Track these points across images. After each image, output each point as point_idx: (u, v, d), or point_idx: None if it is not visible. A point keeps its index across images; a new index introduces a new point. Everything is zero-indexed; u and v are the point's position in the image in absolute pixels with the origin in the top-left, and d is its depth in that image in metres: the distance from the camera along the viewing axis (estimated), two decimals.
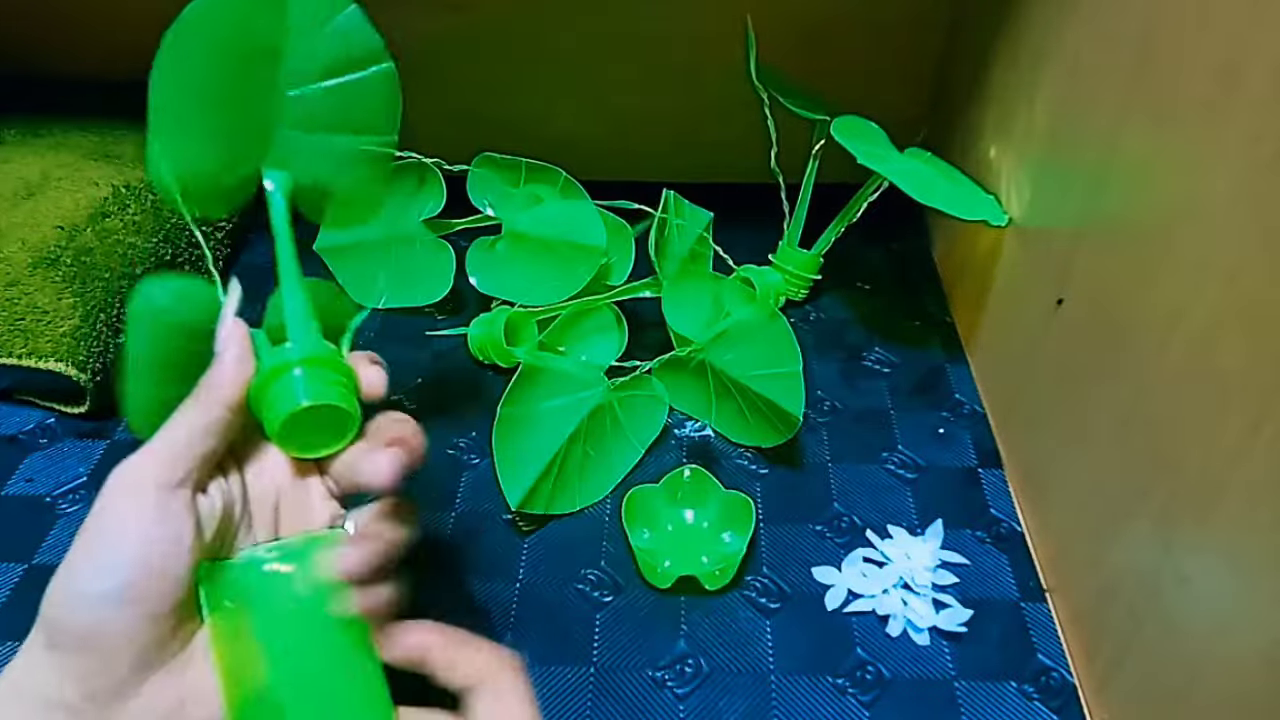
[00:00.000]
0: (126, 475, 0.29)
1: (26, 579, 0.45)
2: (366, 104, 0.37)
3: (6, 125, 0.65)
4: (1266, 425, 0.28)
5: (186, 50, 0.33)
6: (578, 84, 0.70)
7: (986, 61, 0.56)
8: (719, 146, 0.70)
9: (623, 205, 0.55)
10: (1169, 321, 0.34)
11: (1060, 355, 0.44)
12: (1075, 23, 0.44)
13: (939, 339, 0.60)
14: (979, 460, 0.52)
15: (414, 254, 0.60)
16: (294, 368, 0.32)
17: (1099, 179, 0.40)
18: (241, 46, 0.34)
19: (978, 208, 0.52)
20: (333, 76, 0.36)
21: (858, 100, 0.56)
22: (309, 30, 0.35)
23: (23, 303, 0.52)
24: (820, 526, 0.48)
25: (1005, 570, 0.46)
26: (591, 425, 0.49)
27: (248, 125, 0.35)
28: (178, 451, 0.30)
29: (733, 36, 0.58)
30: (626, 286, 0.55)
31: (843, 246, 0.60)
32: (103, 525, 0.28)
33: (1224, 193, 0.31)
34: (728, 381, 0.50)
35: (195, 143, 0.34)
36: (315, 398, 0.31)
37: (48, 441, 0.53)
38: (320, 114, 0.36)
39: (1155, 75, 0.35)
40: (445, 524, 0.49)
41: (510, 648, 0.30)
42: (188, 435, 0.30)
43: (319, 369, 0.32)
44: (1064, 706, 0.40)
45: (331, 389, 0.32)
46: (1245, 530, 0.29)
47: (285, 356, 0.32)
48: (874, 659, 0.42)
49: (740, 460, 0.52)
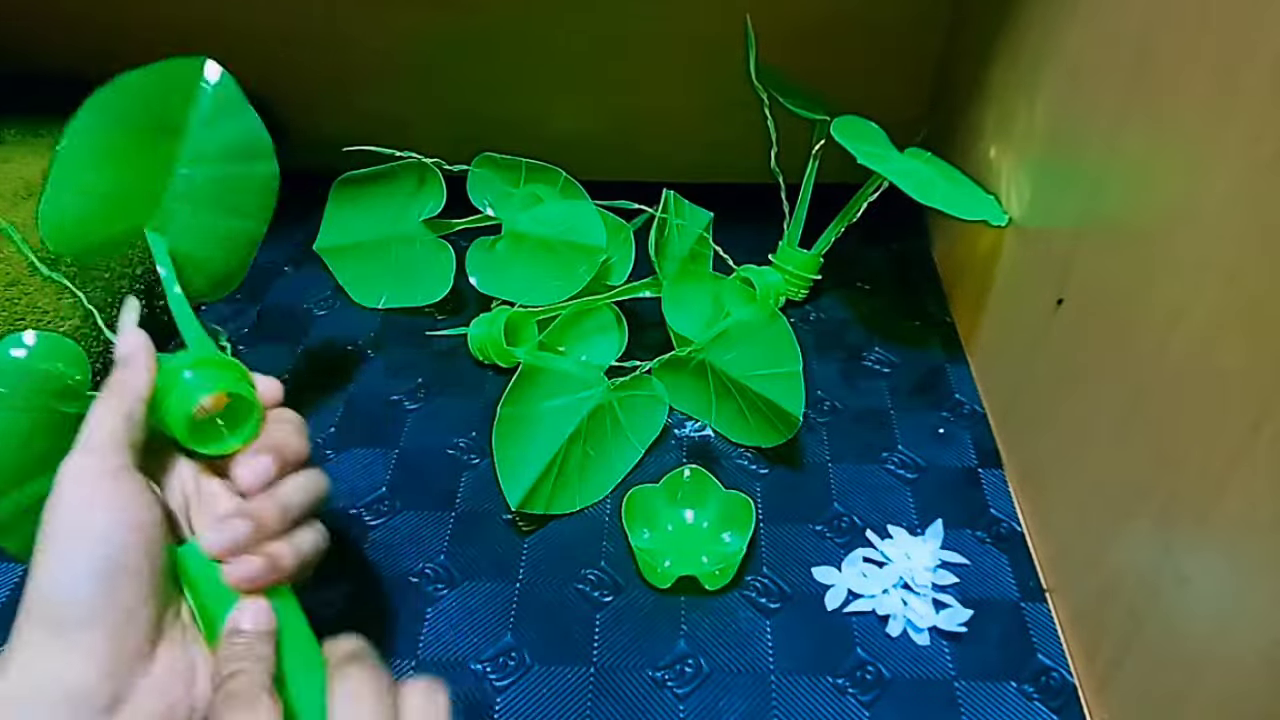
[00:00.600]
0: (78, 469, 0.30)
1: (26, 579, 0.45)
2: (246, 195, 0.43)
3: (6, 125, 0.65)
4: (1266, 425, 0.28)
5: (102, 111, 0.38)
6: (578, 84, 0.70)
7: (986, 61, 0.56)
8: (719, 146, 0.70)
9: (623, 205, 0.55)
10: (1169, 321, 0.34)
11: (1060, 355, 0.44)
12: (1075, 23, 0.44)
13: (939, 339, 0.60)
14: (979, 460, 0.52)
15: (414, 254, 0.60)
16: (187, 369, 0.35)
17: (1099, 179, 0.40)
18: (149, 121, 0.39)
19: (978, 208, 0.52)
20: (222, 164, 0.41)
21: (858, 100, 0.56)
22: (211, 121, 0.41)
23: (23, 303, 0.52)
24: (820, 526, 0.48)
25: (1005, 570, 0.46)
26: (591, 425, 0.49)
27: (138, 188, 0.39)
28: (116, 439, 0.31)
29: (733, 36, 0.58)
30: (626, 286, 0.55)
31: (843, 246, 0.60)
32: (70, 513, 0.29)
33: (1224, 193, 0.31)
34: (728, 381, 0.50)
35: (90, 195, 0.38)
36: (213, 387, 0.34)
37: None
38: (204, 194, 0.41)
39: (1155, 75, 0.35)
40: (445, 524, 0.49)
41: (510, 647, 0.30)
42: (114, 426, 0.31)
43: (213, 367, 0.35)
44: (1064, 706, 0.40)
45: (226, 378, 0.35)
46: (1245, 530, 0.29)
47: (181, 360, 0.35)
48: (874, 659, 0.42)
49: (740, 460, 0.52)
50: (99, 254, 0.41)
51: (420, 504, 0.50)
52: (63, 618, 0.28)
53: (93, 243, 0.40)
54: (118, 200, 0.39)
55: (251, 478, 0.33)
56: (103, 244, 0.40)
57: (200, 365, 0.35)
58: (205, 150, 0.41)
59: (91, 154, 0.38)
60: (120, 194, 0.39)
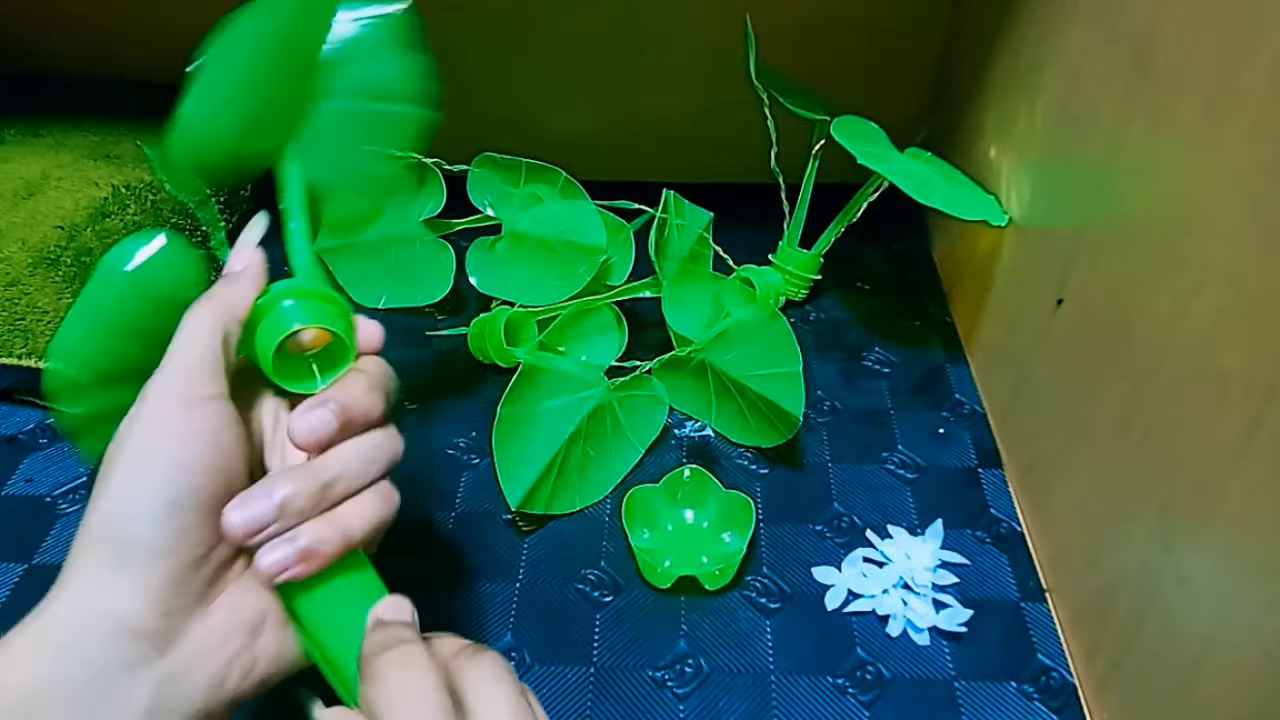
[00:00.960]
0: (163, 389, 0.28)
1: (26, 579, 0.46)
2: (393, 131, 0.38)
3: (6, 125, 0.65)
4: (1266, 425, 0.28)
5: (246, 28, 0.34)
6: (578, 84, 0.70)
7: (986, 61, 0.56)
8: (719, 146, 0.70)
9: (623, 205, 0.55)
10: (1169, 321, 0.34)
11: (1060, 355, 0.44)
12: (1075, 23, 0.44)
13: (939, 339, 0.60)
14: (979, 460, 0.52)
15: (414, 254, 0.60)
16: (288, 296, 0.32)
17: (1099, 179, 0.40)
18: (300, 43, 0.35)
19: (978, 208, 0.52)
20: (374, 99, 0.37)
21: (858, 100, 0.56)
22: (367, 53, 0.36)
23: (23, 303, 0.52)
24: (820, 526, 0.48)
25: (1005, 570, 0.46)
26: (591, 425, 0.49)
27: (277, 111, 0.36)
28: (207, 362, 0.29)
29: (733, 36, 0.58)
30: (626, 286, 0.55)
31: (843, 246, 0.60)
32: (147, 437, 0.27)
33: (1224, 193, 0.31)
34: (728, 381, 0.50)
35: (229, 111, 0.35)
36: (308, 320, 0.31)
37: (48, 441, 0.53)
38: (347, 125, 0.37)
39: (1155, 75, 0.35)
40: (445, 524, 0.49)
41: (510, 647, 0.30)
42: (207, 346, 0.29)
43: (315, 299, 0.32)
44: (1064, 706, 0.40)
45: (325, 312, 0.32)
46: (1245, 530, 0.29)
47: (284, 286, 0.32)
48: (874, 659, 0.42)
49: (740, 460, 0.52)
50: (226, 173, 0.37)
51: (420, 504, 0.50)
52: (123, 548, 0.26)
53: (222, 160, 0.36)
54: (256, 121, 0.36)
55: (306, 433, 0.29)
56: (233, 163, 0.36)
57: (302, 295, 0.32)
58: (357, 84, 0.37)
59: (234, 69, 0.35)
60: (259, 115, 0.36)
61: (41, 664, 0.25)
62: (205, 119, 0.34)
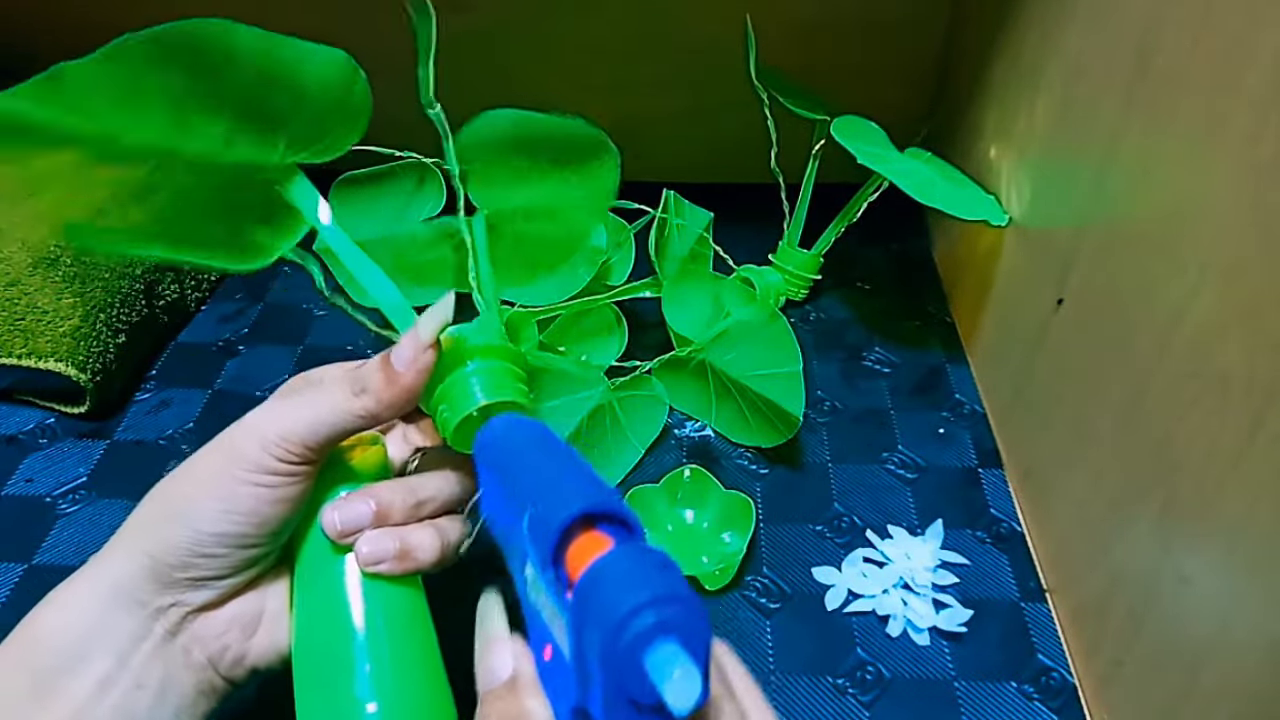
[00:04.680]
0: (226, 453, 0.29)
1: (26, 579, 0.45)
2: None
3: None
4: (1266, 425, 0.28)
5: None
6: (578, 84, 0.70)
7: (986, 61, 0.56)
8: (719, 146, 0.70)
9: (623, 205, 0.55)
10: (1169, 321, 0.34)
11: (1060, 355, 0.44)
12: (1075, 23, 0.44)
13: (939, 339, 0.60)
14: (979, 460, 0.52)
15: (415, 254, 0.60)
16: (473, 360, 0.32)
17: (1099, 179, 0.40)
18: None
19: (978, 208, 0.52)
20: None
21: (858, 100, 0.56)
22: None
23: (23, 303, 0.52)
24: (820, 526, 0.48)
25: (1005, 570, 0.46)
26: (591, 425, 0.49)
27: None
28: (310, 431, 0.29)
29: (733, 36, 0.58)
30: (626, 286, 0.55)
31: (843, 246, 0.60)
32: (224, 481, 0.29)
33: (1224, 193, 0.31)
34: (728, 381, 0.50)
35: None
36: (493, 395, 0.31)
37: (48, 441, 0.53)
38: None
39: (1155, 75, 0.35)
40: None
41: None
42: (318, 421, 0.30)
43: (498, 363, 0.32)
44: (1064, 706, 0.40)
45: (508, 387, 0.32)
46: (1245, 530, 0.29)
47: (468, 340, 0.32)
48: (874, 659, 0.42)
49: (740, 460, 0.52)
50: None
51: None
52: (162, 569, 0.29)
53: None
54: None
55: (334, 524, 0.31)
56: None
57: (486, 358, 0.32)
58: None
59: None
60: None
61: (90, 613, 0.28)
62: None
